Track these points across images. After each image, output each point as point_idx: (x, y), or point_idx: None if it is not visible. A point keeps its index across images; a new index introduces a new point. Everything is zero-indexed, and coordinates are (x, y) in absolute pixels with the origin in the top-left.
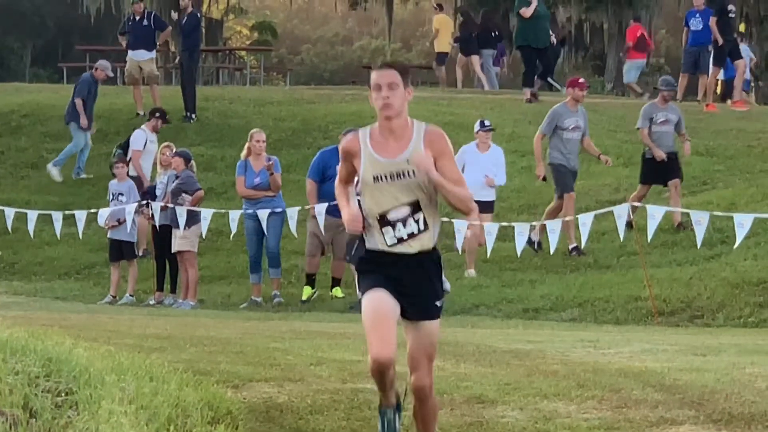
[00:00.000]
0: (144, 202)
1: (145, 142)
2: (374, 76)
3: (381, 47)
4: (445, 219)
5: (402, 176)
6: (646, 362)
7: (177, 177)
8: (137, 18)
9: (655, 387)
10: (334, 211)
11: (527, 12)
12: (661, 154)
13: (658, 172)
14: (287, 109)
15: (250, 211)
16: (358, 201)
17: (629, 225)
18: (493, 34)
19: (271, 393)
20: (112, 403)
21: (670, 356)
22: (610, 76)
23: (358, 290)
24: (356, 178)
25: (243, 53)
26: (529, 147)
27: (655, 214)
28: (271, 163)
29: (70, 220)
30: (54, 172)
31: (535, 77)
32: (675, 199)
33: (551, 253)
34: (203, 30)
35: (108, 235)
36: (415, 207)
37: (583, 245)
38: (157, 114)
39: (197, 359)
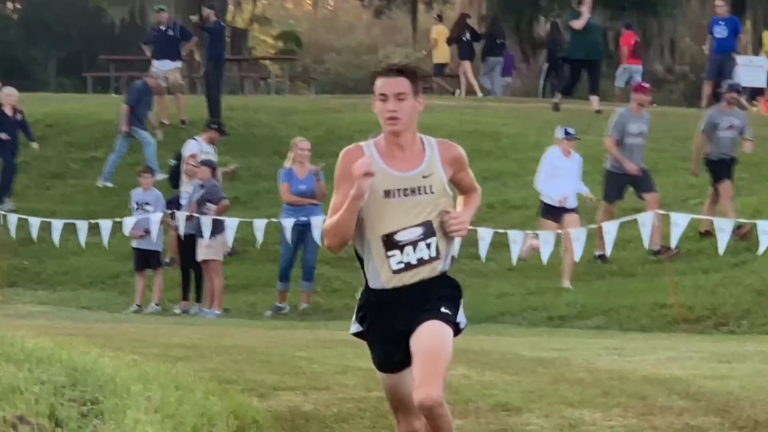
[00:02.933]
0: (170, 211)
1: (199, 152)
2: (380, 83)
3: (406, 56)
4: (470, 227)
5: (417, 192)
6: (672, 369)
7: (202, 186)
8: (162, 28)
9: (680, 394)
10: None
11: (578, 24)
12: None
13: (725, 172)
14: (312, 118)
15: (292, 219)
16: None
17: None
18: (497, 41)
19: (296, 402)
20: (137, 412)
21: (695, 363)
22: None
23: (353, 320)
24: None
25: (268, 62)
26: None
27: (679, 222)
28: (321, 167)
29: (95, 230)
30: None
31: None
32: (727, 203)
33: (576, 260)
34: (228, 39)
35: (133, 245)
36: (428, 229)
37: (608, 253)
38: (214, 125)
39: (223, 368)
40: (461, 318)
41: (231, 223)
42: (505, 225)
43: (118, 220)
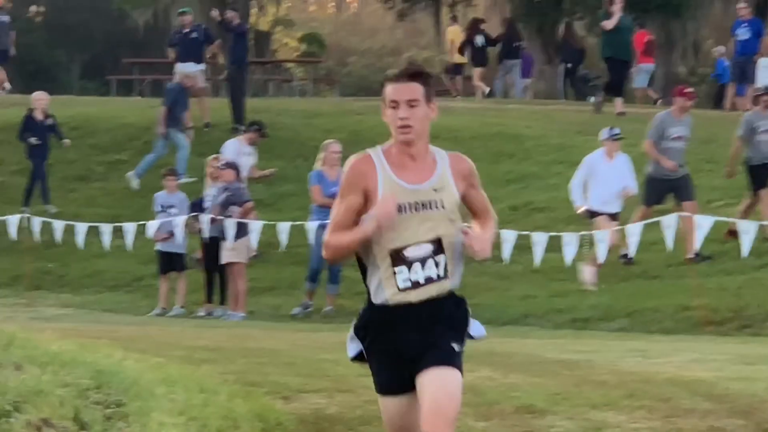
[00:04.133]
0: (194, 214)
1: (235, 152)
2: (390, 89)
3: (429, 58)
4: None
5: (428, 207)
6: (696, 371)
7: (226, 189)
8: (186, 30)
9: (704, 396)
10: None
11: (609, 24)
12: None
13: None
14: (336, 120)
15: (317, 221)
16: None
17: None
18: (514, 43)
19: (321, 404)
20: (162, 414)
21: (719, 365)
22: (658, 86)
23: (348, 344)
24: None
25: (291, 65)
26: (578, 157)
27: (703, 224)
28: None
29: (119, 233)
30: (134, 182)
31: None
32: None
33: (600, 262)
34: (251, 42)
35: (157, 247)
36: (438, 247)
37: (632, 255)
38: (255, 127)
39: (247, 370)
40: (476, 330)
41: (255, 225)
42: (528, 227)
43: (142, 222)
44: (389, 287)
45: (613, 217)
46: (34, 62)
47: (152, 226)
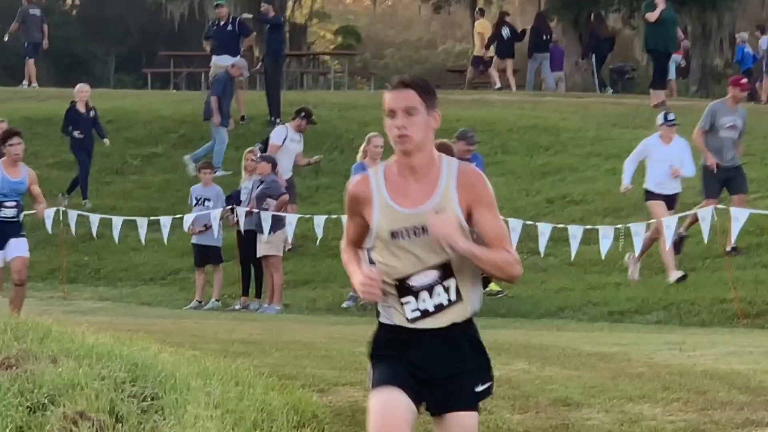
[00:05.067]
0: (229, 207)
1: (285, 138)
2: (387, 98)
3: (465, 51)
4: (530, 222)
5: (427, 231)
6: (732, 364)
7: (262, 182)
8: (221, 23)
9: (740, 389)
10: None
11: (652, 16)
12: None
13: None
14: (371, 113)
15: None
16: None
17: None
18: (543, 37)
19: (356, 397)
20: (197, 407)
21: (755, 358)
22: (695, 78)
23: (368, 380)
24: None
25: (327, 58)
26: (614, 150)
27: (739, 217)
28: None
29: (154, 226)
30: (190, 166)
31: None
32: None
33: (636, 255)
34: (287, 35)
35: (192, 241)
36: (446, 271)
37: (667, 247)
38: (303, 114)
39: (283, 363)
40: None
41: (291, 218)
42: (564, 220)
43: (177, 216)
44: (398, 318)
45: (670, 199)
46: (70, 55)
47: (188, 220)
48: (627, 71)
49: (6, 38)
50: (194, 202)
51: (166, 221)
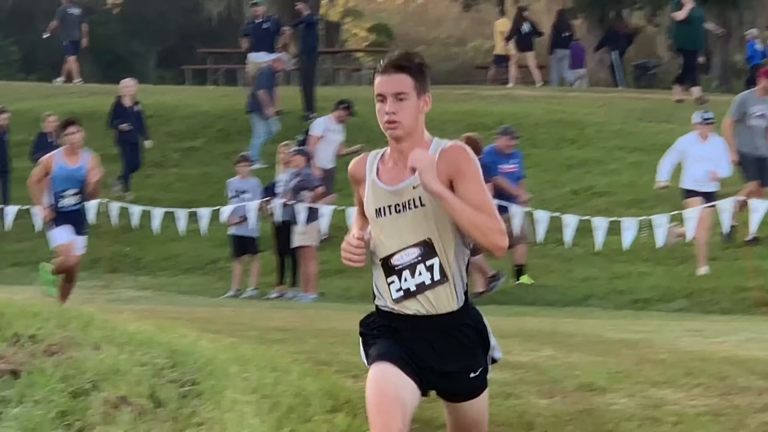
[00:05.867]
0: (266, 198)
1: (324, 130)
2: (377, 81)
3: (493, 48)
4: (556, 214)
5: (407, 207)
6: (752, 351)
7: (297, 174)
8: (258, 21)
9: (760, 374)
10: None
11: (680, 15)
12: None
13: None
14: None
15: None
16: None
17: None
18: (564, 33)
19: None
20: (235, 392)
21: None
22: (715, 74)
23: (363, 358)
24: None
25: (360, 54)
26: (638, 143)
27: (758, 208)
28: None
29: (193, 217)
30: (257, 163)
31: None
32: None
33: (656, 246)
34: (321, 32)
35: (230, 232)
36: (427, 249)
37: (689, 237)
38: (343, 105)
39: (318, 350)
40: (496, 353)
41: (326, 209)
42: (589, 211)
43: (216, 207)
44: (387, 298)
45: (708, 196)
46: (111, 53)
47: (226, 211)
48: (650, 67)
49: (45, 36)
50: (232, 194)
51: (204, 213)
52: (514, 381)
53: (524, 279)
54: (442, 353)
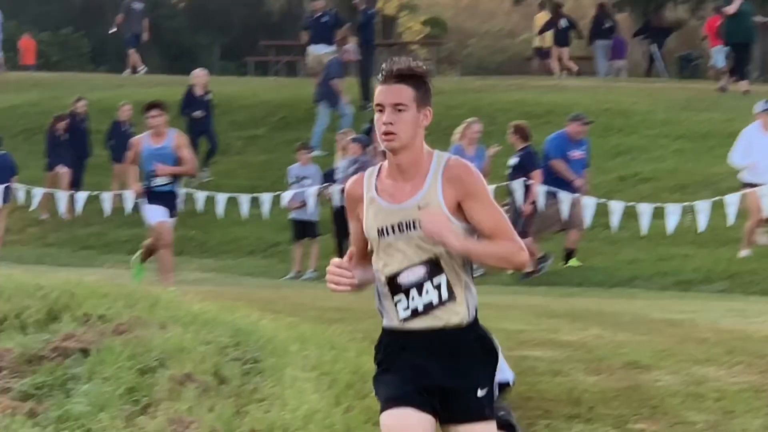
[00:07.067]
0: (325, 184)
1: None
2: (377, 91)
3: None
4: (602, 200)
5: (412, 227)
6: None
7: (355, 161)
8: (317, 15)
9: None
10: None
11: (731, 9)
12: None
13: None
14: (457, 98)
15: None
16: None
17: None
18: (604, 25)
19: None
20: (295, 370)
21: None
22: (756, 66)
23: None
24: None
25: (415, 47)
26: (682, 131)
27: None
28: (498, 149)
29: (255, 202)
30: (316, 152)
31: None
32: None
33: (698, 231)
34: (378, 26)
35: (291, 216)
36: (433, 267)
37: (732, 222)
38: None
39: (374, 329)
40: (507, 374)
41: None
42: (635, 197)
43: (277, 193)
44: (393, 317)
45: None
46: (177, 45)
47: (286, 196)
48: (693, 58)
49: (112, 31)
50: (293, 180)
51: (266, 198)
52: (563, 359)
53: (573, 262)
54: (449, 368)
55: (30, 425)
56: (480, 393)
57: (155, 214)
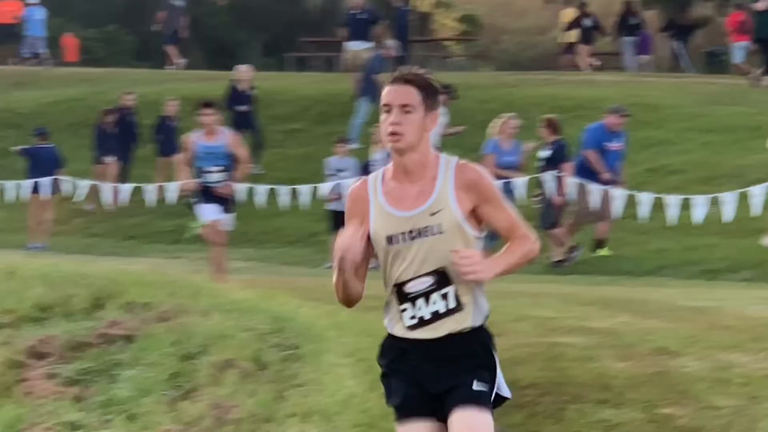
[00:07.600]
0: (362, 177)
1: None
2: (385, 92)
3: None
4: (632, 192)
5: (423, 234)
6: None
7: (389, 155)
8: (354, 12)
9: None
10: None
11: (761, 6)
12: None
13: None
14: (490, 92)
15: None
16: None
17: None
18: (629, 21)
19: None
20: (333, 356)
21: None
22: None
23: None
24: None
25: (450, 43)
26: (709, 125)
27: None
28: (535, 145)
29: (294, 193)
30: (354, 145)
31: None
32: None
33: (722, 221)
34: (414, 23)
35: (328, 207)
36: (442, 278)
37: (759, 213)
38: (445, 89)
39: None
40: (505, 392)
41: None
42: (663, 188)
43: (316, 185)
44: (399, 325)
45: None
46: (218, 42)
47: (325, 188)
48: (719, 54)
49: (154, 28)
50: (330, 172)
51: (305, 189)
52: (593, 345)
53: (602, 252)
54: (449, 372)
55: (76, 410)
56: (476, 386)
57: (209, 212)
